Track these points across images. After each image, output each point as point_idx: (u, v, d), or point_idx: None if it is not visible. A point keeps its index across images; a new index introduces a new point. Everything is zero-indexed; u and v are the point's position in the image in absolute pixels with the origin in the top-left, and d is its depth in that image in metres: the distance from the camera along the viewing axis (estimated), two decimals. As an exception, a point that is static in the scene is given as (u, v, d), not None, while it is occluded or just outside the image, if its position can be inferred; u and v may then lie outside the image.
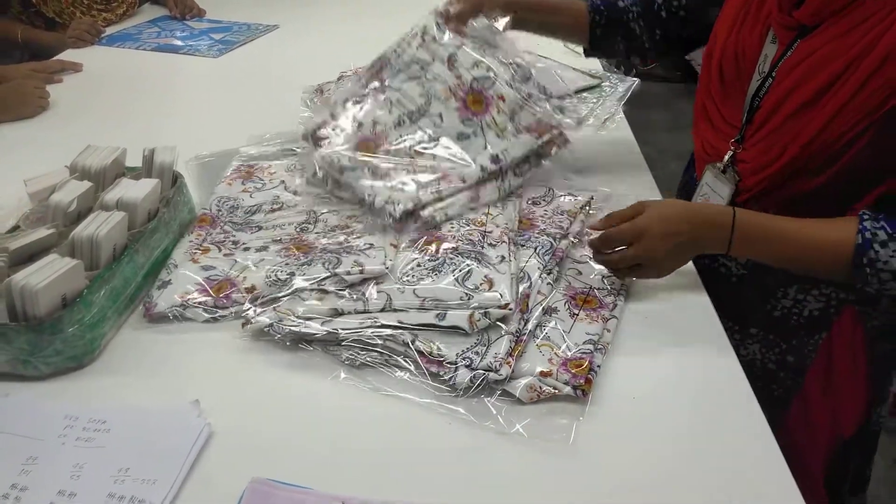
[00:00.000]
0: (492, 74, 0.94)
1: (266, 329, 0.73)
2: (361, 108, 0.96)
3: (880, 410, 0.90)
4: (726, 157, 0.83)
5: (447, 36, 0.96)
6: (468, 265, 0.77)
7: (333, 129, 0.96)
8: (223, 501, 0.57)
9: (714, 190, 0.85)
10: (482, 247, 0.81)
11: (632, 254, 0.75)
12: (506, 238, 0.82)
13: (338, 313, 0.74)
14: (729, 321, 0.86)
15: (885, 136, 0.70)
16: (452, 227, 0.86)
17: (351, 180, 0.92)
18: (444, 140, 0.94)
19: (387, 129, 0.94)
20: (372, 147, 0.93)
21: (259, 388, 0.70)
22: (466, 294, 0.72)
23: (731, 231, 0.72)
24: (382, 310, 0.73)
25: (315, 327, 0.72)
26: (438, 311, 0.72)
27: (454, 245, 0.81)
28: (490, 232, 0.84)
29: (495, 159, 0.92)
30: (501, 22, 0.97)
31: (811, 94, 0.73)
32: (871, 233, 0.69)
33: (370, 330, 0.70)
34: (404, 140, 0.94)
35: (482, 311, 0.71)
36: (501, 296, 0.72)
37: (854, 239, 0.69)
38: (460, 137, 0.94)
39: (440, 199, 0.89)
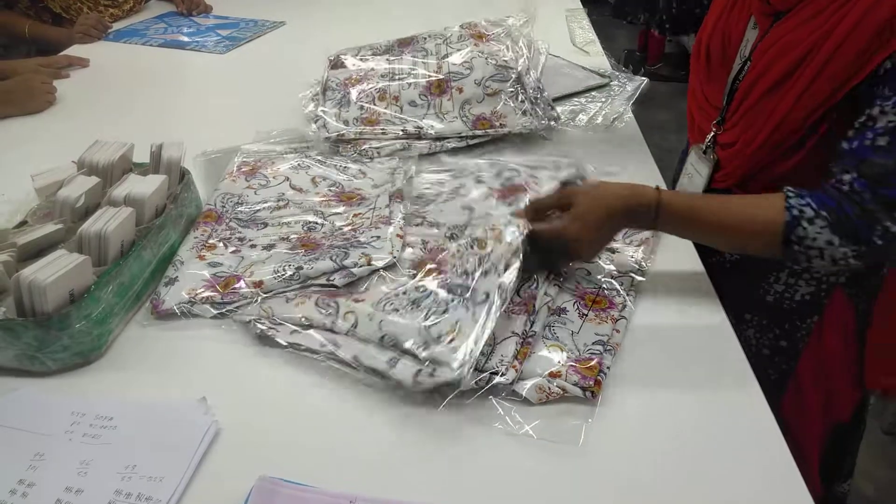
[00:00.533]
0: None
1: (246, 323, 0.74)
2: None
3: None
4: (707, 138, 0.86)
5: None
6: (446, 306, 0.71)
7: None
8: (230, 499, 0.57)
9: (697, 170, 0.88)
10: (474, 278, 0.73)
11: (562, 224, 0.73)
12: (502, 265, 0.72)
13: (307, 324, 0.73)
14: (724, 307, 0.86)
15: (844, 122, 0.72)
16: (459, 248, 0.79)
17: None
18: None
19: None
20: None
21: (267, 386, 0.70)
22: (424, 342, 0.67)
23: (657, 207, 0.72)
24: (346, 333, 0.71)
25: (281, 336, 0.73)
26: (392, 356, 0.68)
27: (445, 278, 0.75)
28: (491, 252, 0.75)
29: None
30: None
31: (778, 76, 0.76)
32: (797, 210, 0.69)
33: (325, 357, 0.70)
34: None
35: (430, 369, 0.65)
36: (454, 364, 0.64)
37: (782, 216, 0.70)
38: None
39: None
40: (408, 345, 0.67)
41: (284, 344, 0.72)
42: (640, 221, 0.75)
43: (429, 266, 0.78)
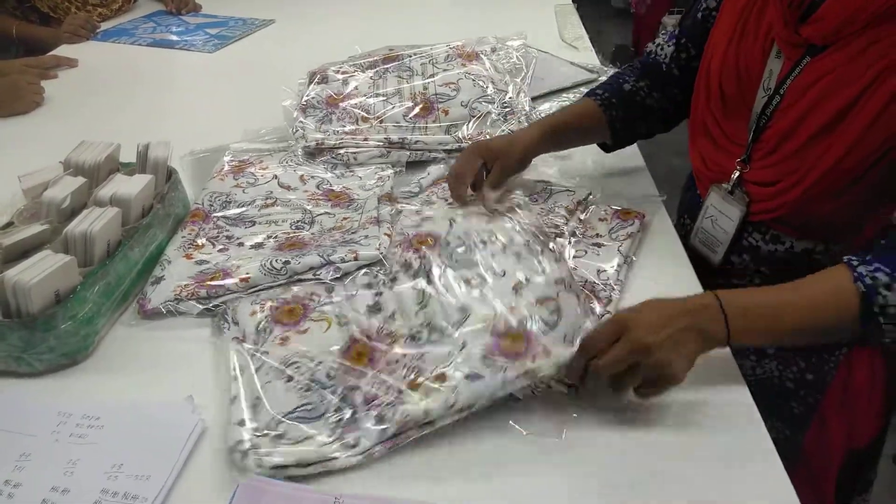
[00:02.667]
0: None
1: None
2: None
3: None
4: (733, 178, 0.79)
5: None
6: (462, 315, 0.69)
7: None
8: (216, 497, 0.57)
9: (721, 212, 0.81)
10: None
11: (623, 349, 0.61)
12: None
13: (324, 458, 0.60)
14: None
15: None
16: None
17: None
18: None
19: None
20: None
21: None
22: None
23: (722, 311, 0.63)
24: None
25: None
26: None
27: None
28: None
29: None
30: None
31: (829, 118, 0.69)
32: (870, 277, 0.62)
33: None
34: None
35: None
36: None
37: (853, 289, 0.62)
38: None
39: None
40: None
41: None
42: (705, 321, 0.63)
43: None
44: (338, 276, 0.78)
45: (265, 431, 0.61)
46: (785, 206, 0.74)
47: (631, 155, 1.07)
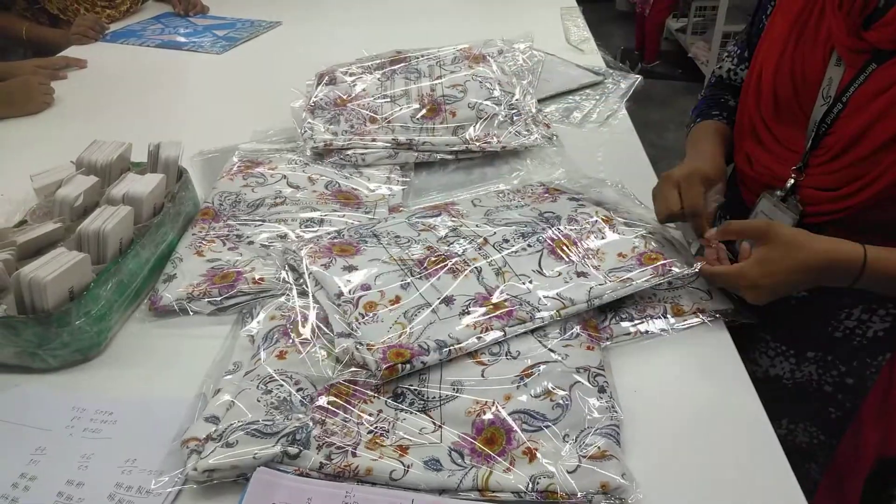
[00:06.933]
0: None
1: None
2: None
3: None
4: (788, 185, 0.78)
5: None
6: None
7: None
8: (228, 491, 0.58)
9: (771, 219, 0.80)
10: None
11: (741, 267, 0.68)
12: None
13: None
14: (783, 345, 0.83)
15: None
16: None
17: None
18: None
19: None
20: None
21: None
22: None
23: (862, 266, 0.66)
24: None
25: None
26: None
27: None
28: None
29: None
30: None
31: None
32: None
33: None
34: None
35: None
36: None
37: None
38: None
39: None
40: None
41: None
42: (836, 279, 0.68)
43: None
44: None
45: (220, 435, 0.60)
46: (845, 211, 0.74)
47: (636, 155, 1.08)
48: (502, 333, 0.69)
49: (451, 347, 0.67)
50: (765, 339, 0.87)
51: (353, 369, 0.67)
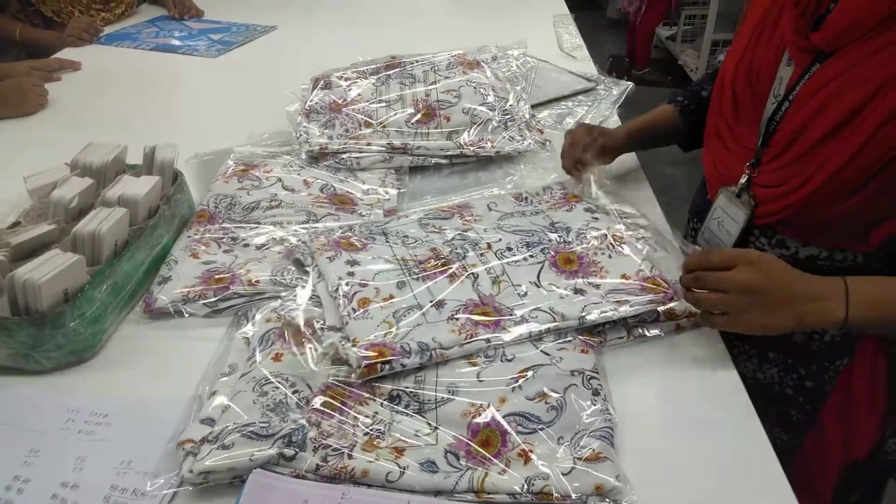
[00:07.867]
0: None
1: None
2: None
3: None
4: (742, 181, 0.80)
5: None
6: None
7: None
8: (225, 493, 0.58)
9: (728, 214, 0.83)
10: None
11: (729, 274, 0.66)
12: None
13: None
14: (746, 345, 0.84)
15: None
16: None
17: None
18: None
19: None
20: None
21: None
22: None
23: (846, 299, 0.65)
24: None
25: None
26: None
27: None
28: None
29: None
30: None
31: (835, 123, 0.69)
32: None
33: None
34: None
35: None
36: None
37: None
38: None
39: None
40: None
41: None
42: (813, 317, 0.66)
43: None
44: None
45: (216, 437, 0.60)
46: (789, 208, 0.75)
47: (628, 161, 1.09)
48: (486, 342, 0.69)
49: (434, 351, 0.67)
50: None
51: (338, 366, 0.67)
